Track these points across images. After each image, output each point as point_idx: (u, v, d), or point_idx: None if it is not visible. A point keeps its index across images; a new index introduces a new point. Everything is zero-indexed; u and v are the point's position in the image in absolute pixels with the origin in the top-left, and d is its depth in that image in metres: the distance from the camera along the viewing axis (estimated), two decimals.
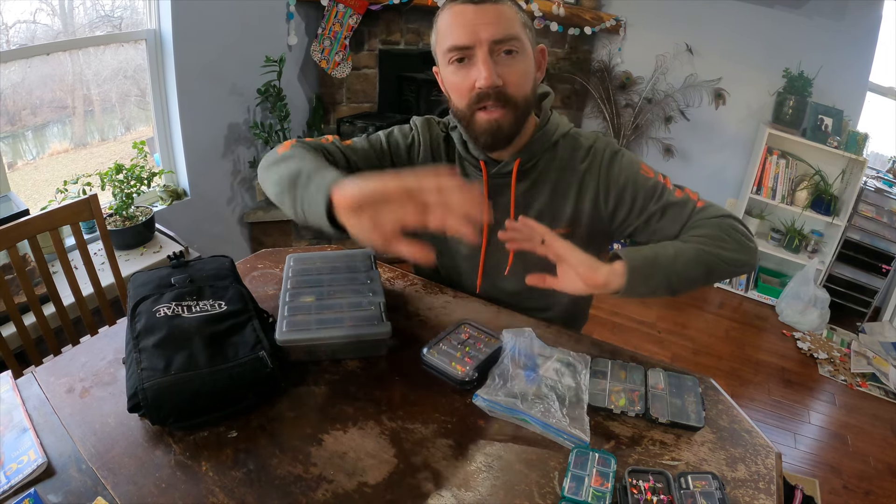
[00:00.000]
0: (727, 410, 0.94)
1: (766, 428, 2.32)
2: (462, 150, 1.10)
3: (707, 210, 1.04)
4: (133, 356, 0.84)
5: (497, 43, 0.93)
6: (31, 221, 1.39)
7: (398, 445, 0.82)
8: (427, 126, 1.15)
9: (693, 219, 1.03)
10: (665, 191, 1.05)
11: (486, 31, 0.92)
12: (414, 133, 1.14)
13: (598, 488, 0.75)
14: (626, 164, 1.06)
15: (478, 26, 0.92)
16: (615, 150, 1.07)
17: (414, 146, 1.14)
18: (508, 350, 0.96)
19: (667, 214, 1.04)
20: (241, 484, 0.74)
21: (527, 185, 1.08)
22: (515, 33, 0.94)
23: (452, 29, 0.94)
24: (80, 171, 2.13)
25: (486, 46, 0.92)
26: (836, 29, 2.96)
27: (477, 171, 1.09)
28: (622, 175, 1.05)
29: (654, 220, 1.05)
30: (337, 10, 2.69)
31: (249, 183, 2.84)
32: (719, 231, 0.98)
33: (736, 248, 0.97)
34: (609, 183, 1.06)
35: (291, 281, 1.08)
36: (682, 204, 1.04)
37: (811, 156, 3.08)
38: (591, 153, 1.07)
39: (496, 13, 0.93)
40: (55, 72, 2.11)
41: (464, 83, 0.96)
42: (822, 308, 2.98)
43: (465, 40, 0.93)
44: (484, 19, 0.92)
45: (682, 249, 0.95)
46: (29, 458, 0.74)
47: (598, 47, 3.54)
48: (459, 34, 0.93)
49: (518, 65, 0.96)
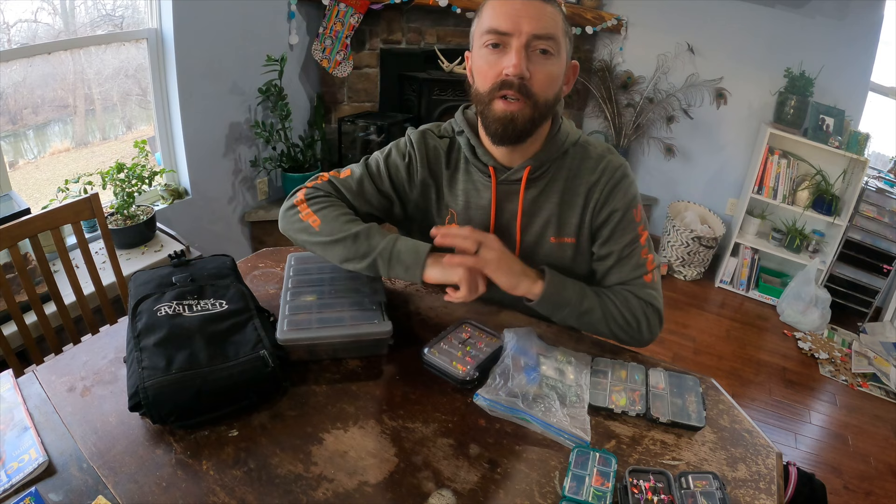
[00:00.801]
0: (728, 410, 0.93)
1: (766, 428, 2.32)
2: (470, 156, 1.09)
3: (644, 289, 1.06)
4: (134, 355, 0.84)
5: (536, 38, 0.93)
6: (32, 220, 1.39)
7: (399, 445, 0.82)
8: (423, 140, 1.13)
9: (630, 285, 1.07)
10: (636, 245, 1.07)
11: (529, 24, 0.93)
12: (410, 150, 1.13)
13: (599, 488, 0.75)
14: (628, 197, 1.07)
15: (521, 17, 0.93)
16: (624, 175, 1.08)
17: (412, 164, 1.13)
18: (509, 349, 0.96)
19: (619, 264, 1.08)
20: (242, 483, 0.74)
21: (535, 192, 1.08)
22: (555, 34, 0.95)
23: (496, 13, 0.95)
24: (82, 171, 2.13)
25: (525, 38, 0.93)
26: (838, 28, 2.96)
27: (485, 176, 1.08)
28: (620, 203, 1.07)
29: (609, 258, 1.08)
30: (338, 9, 2.69)
31: (250, 182, 2.84)
32: (631, 314, 1.04)
33: (629, 334, 1.05)
34: (606, 203, 1.07)
35: (292, 280, 1.08)
36: (636, 266, 1.07)
37: (812, 156, 3.08)
38: (602, 169, 1.07)
39: (542, 10, 0.94)
40: (56, 71, 2.11)
41: (492, 69, 0.96)
42: (823, 308, 2.98)
43: (505, 26, 0.93)
44: (529, 12, 0.93)
45: (592, 308, 1.03)
46: (30, 457, 0.74)
47: (600, 47, 3.54)
48: (502, 20, 0.94)
49: (549, 66, 0.96)
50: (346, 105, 3.02)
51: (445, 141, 1.13)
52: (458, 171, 1.12)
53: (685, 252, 3.31)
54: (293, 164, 2.79)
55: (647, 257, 1.07)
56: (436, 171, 1.13)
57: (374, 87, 3.07)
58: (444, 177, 1.13)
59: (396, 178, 1.13)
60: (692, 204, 3.57)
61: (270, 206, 2.91)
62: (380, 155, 1.15)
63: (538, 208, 1.09)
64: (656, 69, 3.37)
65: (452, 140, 1.13)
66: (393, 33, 2.96)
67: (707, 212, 3.53)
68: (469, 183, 1.11)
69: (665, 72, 3.37)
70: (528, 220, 1.09)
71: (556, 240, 1.09)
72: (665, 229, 3.42)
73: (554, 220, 1.09)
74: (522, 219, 1.08)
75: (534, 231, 1.09)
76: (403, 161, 1.12)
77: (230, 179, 2.73)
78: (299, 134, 2.93)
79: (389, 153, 1.14)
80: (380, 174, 1.13)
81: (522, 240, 1.10)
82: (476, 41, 1.00)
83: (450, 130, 1.14)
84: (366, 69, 2.99)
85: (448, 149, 1.13)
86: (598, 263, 1.11)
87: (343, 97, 2.99)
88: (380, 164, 1.13)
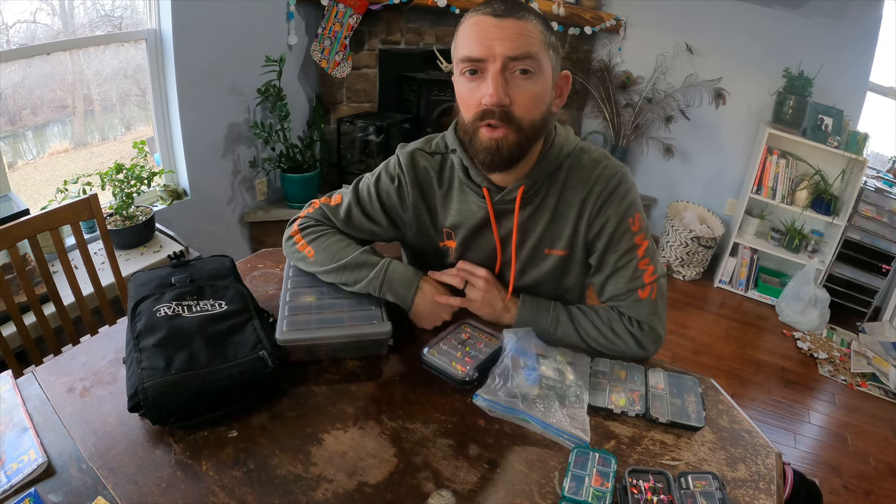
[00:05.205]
0: (727, 410, 0.94)
1: (765, 428, 2.33)
2: (463, 177, 1.06)
3: (636, 306, 1.03)
4: (133, 356, 0.84)
5: (512, 60, 0.88)
6: (31, 221, 1.39)
7: (398, 445, 0.82)
8: (411, 162, 1.10)
9: (622, 301, 1.04)
10: (632, 256, 1.03)
11: (502, 46, 0.87)
12: (399, 173, 1.10)
13: (599, 488, 0.75)
14: (624, 206, 1.03)
15: (494, 40, 0.88)
16: (620, 182, 1.03)
17: (402, 187, 1.11)
18: (509, 350, 0.96)
19: (614, 276, 1.05)
20: (242, 483, 0.74)
21: (530, 210, 1.06)
22: (533, 52, 0.89)
23: (469, 39, 0.90)
24: (81, 171, 2.13)
25: (500, 62, 0.88)
26: (837, 28, 2.96)
27: (479, 197, 1.06)
28: (614, 213, 1.03)
29: (604, 270, 1.06)
30: (337, 9, 2.69)
31: (249, 182, 2.84)
32: (614, 335, 1.03)
33: (615, 353, 1.03)
34: (600, 213, 1.03)
35: (292, 281, 1.08)
36: (631, 279, 1.03)
37: (811, 156, 3.08)
38: (595, 178, 1.03)
39: (516, 29, 0.88)
40: (55, 71, 2.10)
41: (472, 97, 0.92)
42: (822, 308, 2.98)
43: (478, 52, 0.89)
44: (502, 34, 0.88)
45: (568, 335, 1.04)
46: (29, 458, 0.74)
47: (599, 47, 3.54)
48: (474, 45, 0.89)
49: (531, 87, 0.91)
50: (344, 105, 3.02)
51: (437, 159, 1.10)
52: (451, 189, 1.10)
53: (684, 252, 3.31)
54: (292, 164, 2.79)
55: (645, 268, 1.03)
56: (427, 192, 1.11)
57: (373, 88, 3.06)
58: (437, 196, 1.11)
59: (388, 201, 1.12)
60: (691, 204, 3.57)
61: (269, 207, 2.91)
62: (370, 178, 1.14)
63: (533, 224, 1.07)
64: (655, 69, 3.37)
65: (445, 156, 1.10)
66: (392, 34, 2.96)
67: (706, 212, 3.54)
68: (463, 203, 1.08)
69: (664, 72, 3.37)
70: (524, 235, 1.08)
71: (549, 251, 1.08)
72: (664, 229, 3.43)
73: (547, 236, 1.07)
74: (518, 235, 1.07)
75: (529, 245, 1.08)
76: (393, 184, 1.11)
77: (229, 180, 2.73)
78: (298, 134, 2.92)
79: (379, 177, 1.13)
80: (370, 200, 1.12)
81: (519, 254, 1.09)
82: (455, 68, 0.95)
83: (442, 146, 1.10)
84: (365, 69, 2.98)
85: (440, 167, 1.10)
86: (594, 276, 1.09)
87: (342, 98, 2.99)
88: (370, 189, 1.12)
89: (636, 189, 1.06)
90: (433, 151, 1.11)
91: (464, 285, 1.10)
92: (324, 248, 1.08)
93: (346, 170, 3.04)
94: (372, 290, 1.04)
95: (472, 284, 1.09)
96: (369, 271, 1.04)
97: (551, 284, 1.12)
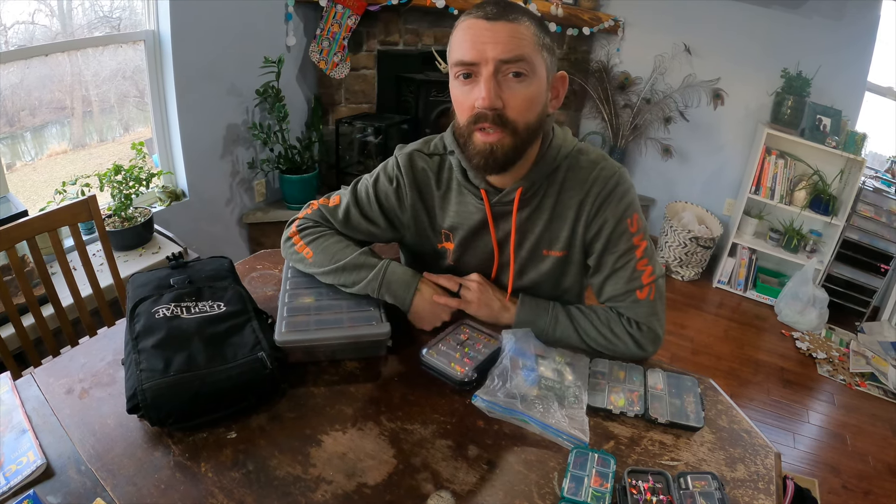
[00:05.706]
0: (726, 410, 0.94)
1: (765, 428, 2.33)
2: (461, 178, 1.06)
3: (634, 307, 1.04)
4: (132, 357, 0.84)
5: (504, 63, 0.88)
6: (29, 222, 1.38)
7: (397, 446, 0.82)
8: (410, 163, 1.10)
9: (620, 301, 1.05)
10: (630, 257, 1.03)
11: (494, 49, 0.87)
12: (397, 174, 1.10)
13: (598, 489, 0.75)
14: (621, 207, 1.02)
15: (486, 44, 0.88)
16: (618, 183, 1.02)
17: (401, 188, 1.11)
18: (507, 350, 0.96)
19: (612, 277, 1.05)
20: (241, 485, 0.74)
21: (528, 212, 1.06)
22: (525, 55, 0.89)
23: (462, 43, 0.91)
24: (79, 172, 2.12)
25: (492, 65, 0.88)
26: (835, 29, 2.97)
27: (477, 199, 1.06)
28: (611, 214, 1.02)
29: (602, 271, 1.06)
30: (335, 10, 2.69)
31: (248, 184, 2.83)
32: (613, 335, 1.03)
33: (615, 352, 1.04)
34: (597, 214, 1.03)
35: (291, 282, 1.08)
36: (629, 280, 1.03)
37: (810, 156, 3.09)
38: (593, 180, 1.03)
39: (509, 32, 0.88)
40: (54, 73, 2.10)
41: (466, 100, 0.92)
42: (821, 308, 2.98)
43: (470, 56, 0.89)
44: (494, 37, 0.88)
45: (567, 336, 1.05)
46: (28, 460, 0.74)
47: (597, 48, 3.54)
48: (466, 49, 0.89)
49: (524, 89, 0.90)
50: (343, 106, 3.02)
51: (435, 160, 1.10)
52: (450, 190, 1.10)
53: (683, 252, 3.32)
54: (291, 165, 2.79)
55: (643, 269, 1.03)
56: (425, 193, 1.12)
57: (372, 89, 3.07)
58: (435, 197, 1.11)
59: (386, 202, 1.12)
60: (689, 204, 3.58)
61: (268, 208, 2.91)
62: (369, 179, 1.14)
63: (532, 225, 1.07)
64: (653, 70, 3.38)
65: (443, 157, 1.10)
66: (390, 35, 2.96)
67: (704, 212, 3.54)
68: (462, 204, 1.09)
69: (662, 72, 3.37)
70: (522, 237, 1.08)
71: (548, 252, 1.08)
72: (662, 230, 3.43)
73: (545, 236, 1.07)
74: (517, 236, 1.07)
75: (527, 246, 1.08)
76: (392, 185, 1.11)
77: (228, 181, 2.73)
78: (297, 135, 2.92)
79: (377, 178, 1.13)
80: (368, 201, 1.12)
81: (517, 255, 1.09)
82: (450, 72, 0.96)
83: (441, 147, 1.10)
84: (363, 70, 2.99)
85: (438, 168, 1.10)
86: (592, 277, 1.10)
87: (340, 99, 2.99)
88: (369, 190, 1.12)
89: (634, 190, 1.05)
90: (431, 153, 1.11)
91: (458, 287, 1.10)
92: (322, 250, 1.08)
93: (344, 171, 3.04)
94: (370, 292, 1.04)
95: (465, 286, 1.10)
96: (368, 272, 1.04)
97: (550, 285, 1.12)
